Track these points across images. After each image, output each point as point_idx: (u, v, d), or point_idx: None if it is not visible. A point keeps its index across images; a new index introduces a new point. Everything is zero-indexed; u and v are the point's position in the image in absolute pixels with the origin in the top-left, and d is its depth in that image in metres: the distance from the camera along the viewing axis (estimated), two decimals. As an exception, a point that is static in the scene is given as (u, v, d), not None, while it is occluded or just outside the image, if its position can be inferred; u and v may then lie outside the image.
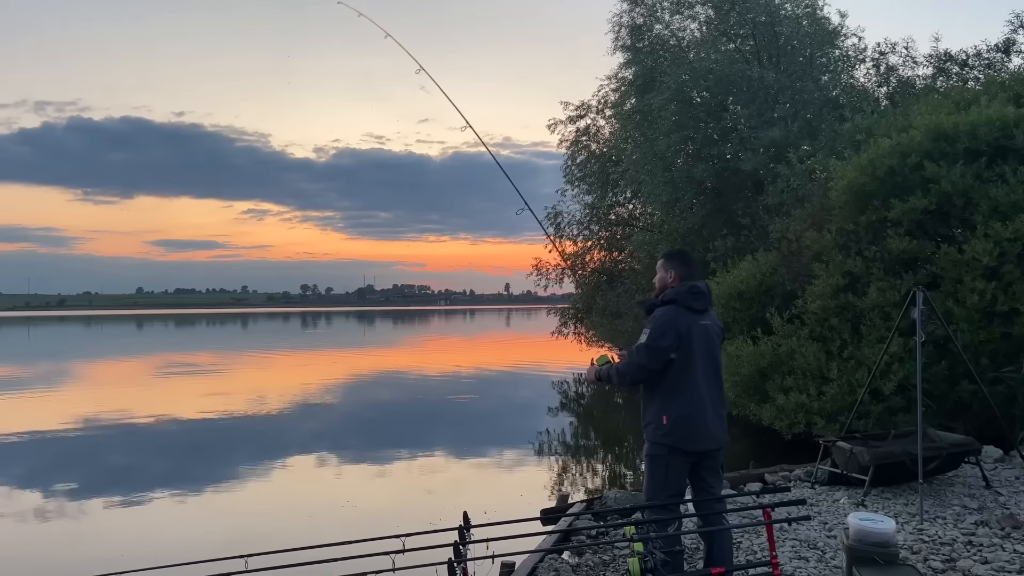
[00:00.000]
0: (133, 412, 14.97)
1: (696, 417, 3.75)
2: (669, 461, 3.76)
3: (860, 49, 16.36)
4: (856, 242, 9.16)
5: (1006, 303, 7.80)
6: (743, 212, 13.93)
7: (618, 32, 17.56)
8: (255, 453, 10.96)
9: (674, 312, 3.80)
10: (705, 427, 3.77)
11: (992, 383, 7.50)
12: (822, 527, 5.36)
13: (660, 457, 3.78)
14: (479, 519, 3.47)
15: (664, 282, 4.00)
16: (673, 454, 3.76)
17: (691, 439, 3.75)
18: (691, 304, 3.83)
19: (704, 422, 3.77)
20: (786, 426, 8.68)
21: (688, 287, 3.87)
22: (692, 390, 3.75)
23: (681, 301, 3.82)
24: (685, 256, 4.11)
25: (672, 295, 3.87)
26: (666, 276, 4.00)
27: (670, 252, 4.17)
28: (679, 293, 3.85)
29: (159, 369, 25.73)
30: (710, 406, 3.80)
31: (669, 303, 3.85)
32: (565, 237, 21.27)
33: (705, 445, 3.79)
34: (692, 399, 3.75)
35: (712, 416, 3.80)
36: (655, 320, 3.81)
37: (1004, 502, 5.76)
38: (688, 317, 3.79)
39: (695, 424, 3.75)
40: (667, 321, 3.76)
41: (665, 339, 3.72)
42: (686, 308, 3.81)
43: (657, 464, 3.79)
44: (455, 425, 13.71)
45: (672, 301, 3.84)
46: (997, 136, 8.61)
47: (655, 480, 3.81)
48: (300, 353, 33.84)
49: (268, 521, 7.67)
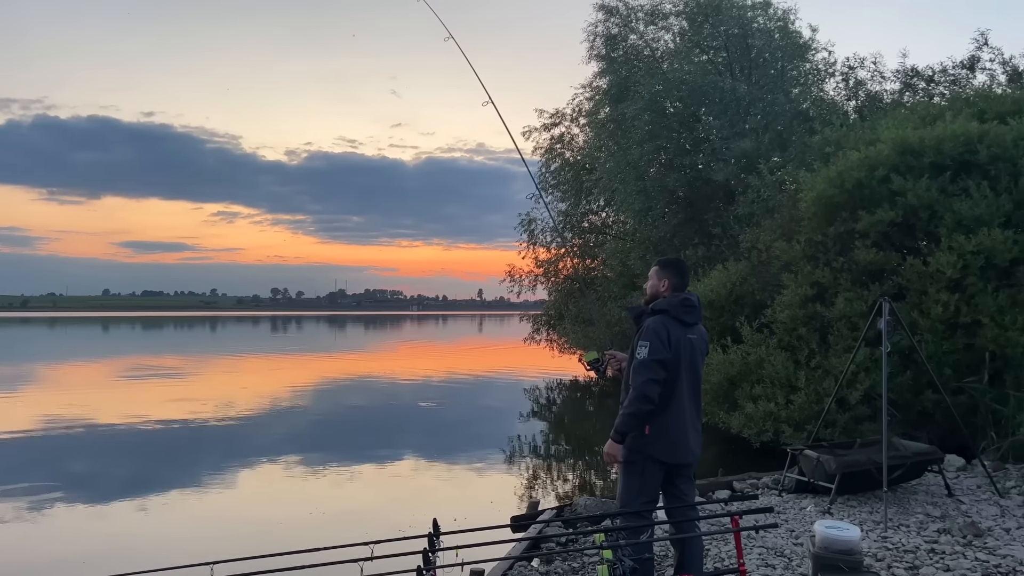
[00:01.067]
0: (96, 416, 14.69)
1: (677, 430, 3.77)
2: (645, 468, 3.77)
3: (830, 63, 16.66)
4: (824, 253, 9.29)
5: (969, 315, 7.95)
6: (714, 222, 14.06)
7: (593, 41, 17.68)
8: (221, 458, 10.80)
9: (666, 323, 3.78)
10: (684, 441, 3.79)
11: (955, 393, 7.65)
12: (789, 535, 5.41)
13: (636, 464, 3.78)
14: (449, 526, 3.45)
15: (656, 290, 3.96)
16: (649, 462, 3.77)
17: (670, 451, 3.77)
18: (682, 317, 3.81)
19: (684, 436, 3.79)
20: (754, 434, 8.76)
21: (681, 299, 3.85)
22: (676, 403, 3.76)
23: (672, 312, 3.81)
24: (680, 266, 4.05)
25: (664, 305, 3.84)
26: (659, 284, 3.96)
27: (666, 261, 4.11)
28: (671, 304, 3.83)
29: (124, 372, 25.29)
30: (690, 420, 3.82)
31: (660, 313, 3.83)
32: (539, 244, 21.34)
33: (683, 458, 3.82)
34: (675, 412, 3.76)
35: (691, 430, 3.83)
36: (649, 331, 3.76)
37: (966, 510, 5.86)
38: (678, 329, 3.78)
39: (676, 437, 3.77)
40: (661, 331, 3.74)
41: (664, 349, 3.70)
42: (676, 320, 3.81)
43: (633, 471, 3.80)
44: (425, 431, 13.64)
45: (664, 311, 3.83)
46: (961, 151, 8.79)
47: (630, 487, 3.82)
48: (269, 357, 33.48)
49: (234, 528, 7.57)
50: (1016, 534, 5.24)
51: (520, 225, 21.54)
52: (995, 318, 7.81)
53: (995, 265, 8.05)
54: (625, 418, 3.71)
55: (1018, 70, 14.04)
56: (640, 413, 3.68)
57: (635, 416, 3.69)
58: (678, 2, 16.92)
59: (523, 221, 21.47)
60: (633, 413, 3.69)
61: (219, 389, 19.98)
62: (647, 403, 3.66)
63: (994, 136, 8.72)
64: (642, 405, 3.67)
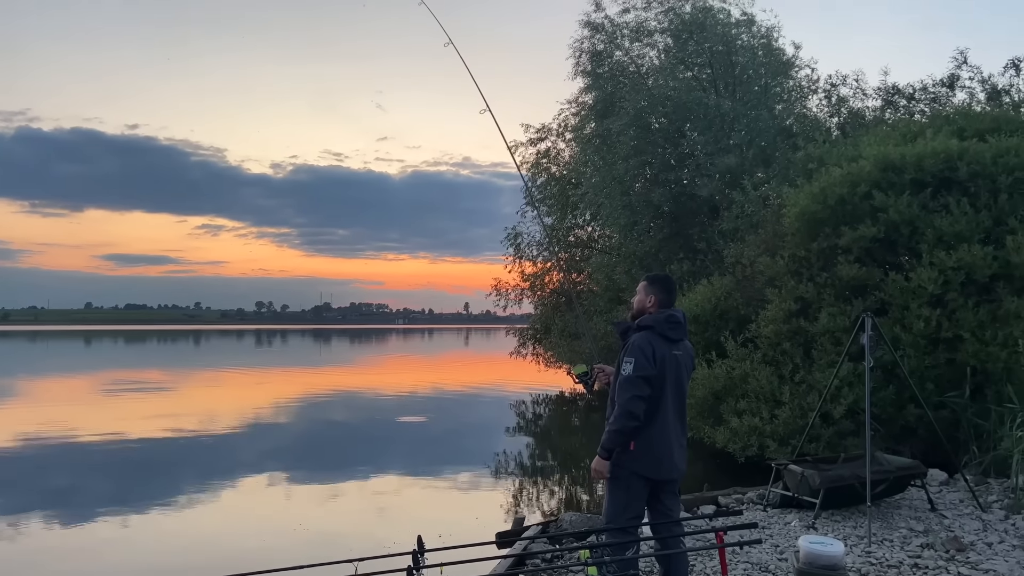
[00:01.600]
0: (74, 431, 14.51)
1: (663, 446, 3.78)
2: (630, 484, 3.78)
3: (813, 80, 16.86)
4: (808, 268, 9.36)
5: (950, 330, 8.03)
6: (699, 237, 14.14)
7: (579, 58, 17.80)
8: (203, 474, 10.70)
9: (651, 339, 3.79)
10: (669, 457, 3.81)
11: (937, 408, 7.71)
12: (774, 550, 5.42)
13: (621, 479, 3.79)
14: (434, 543, 3.44)
15: (643, 305, 3.97)
16: (634, 478, 3.77)
17: (655, 467, 3.78)
18: (667, 333, 3.83)
19: (669, 452, 3.80)
20: (739, 449, 8.78)
21: (666, 316, 3.87)
22: (660, 419, 3.77)
23: (658, 329, 3.83)
24: (667, 283, 4.07)
25: (650, 322, 3.85)
26: (645, 300, 3.97)
27: (654, 277, 4.12)
28: (657, 321, 3.85)
29: (105, 386, 25.03)
30: (675, 436, 3.84)
31: (646, 329, 3.85)
32: (525, 258, 21.39)
33: (667, 475, 3.83)
34: (659, 428, 3.77)
35: (676, 446, 3.84)
36: (634, 348, 3.78)
37: (949, 525, 5.89)
38: (663, 346, 3.80)
39: (660, 453, 3.78)
40: (646, 347, 3.75)
41: (649, 366, 3.71)
42: (662, 336, 3.82)
43: (618, 486, 3.80)
44: (410, 446, 13.58)
45: (649, 327, 3.84)
46: (942, 168, 8.90)
47: (615, 502, 3.82)
48: (253, 371, 33.26)
49: (217, 545, 7.48)
50: (998, 548, 5.27)
51: (506, 239, 21.61)
52: (976, 333, 7.89)
53: (975, 281, 8.14)
54: (611, 434, 3.73)
55: (996, 88, 14.27)
56: (625, 429, 3.70)
57: (620, 432, 3.71)
58: (663, 19, 17.09)
59: (509, 235, 21.54)
60: (618, 430, 3.70)
61: (201, 404, 19.81)
62: (632, 419, 3.68)
63: (974, 153, 8.84)
64: (627, 421, 3.68)
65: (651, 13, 17.23)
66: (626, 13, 17.40)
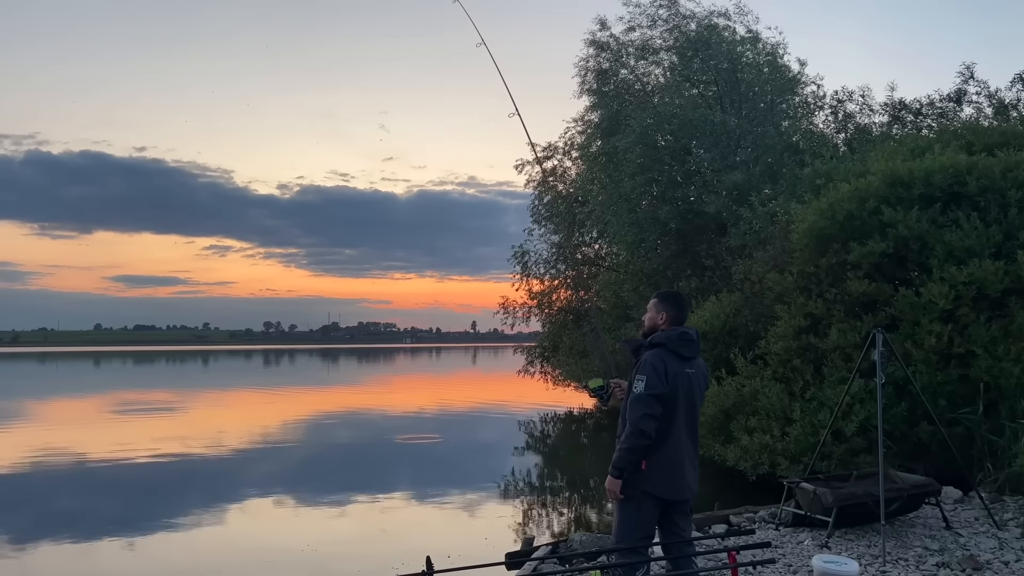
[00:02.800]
0: (84, 452, 14.53)
1: (675, 466, 3.75)
2: (641, 504, 3.74)
3: (819, 96, 16.86)
4: (817, 284, 9.32)
5: (962, 345, 7.97)
6: (707, 253, 14.11)
7: (584, 76, 17.87)
8: (211, 495, 10.66)
9: (663, 357, 3.77)
10: (682, 477, 3.78)
11: (950, 424, 7.63)
12: (787, 569, 5.35)
13: (632, 499, 3.75)
14: (443, 564, 3.40)
15: (654, 323, 3.95)
16: (645, 497, 3.74)
17: (667, 487, 3.75)
18: (680, 350, 3.81)
19: (681, 472, 3.77)
20: (750, 467, 8.71)
21: (679, 333, 3.85)
22: (673, 438, 3.75)
23: (670, 346, 3.81)
24: (679, 299, 4.07)
25: (662, 339, 3.83)
26: (656, 317, 3.95)
27: (665, 294, 4.12)
28: (669, 338, 3.83)
29: (114, 407, 25.07)
30: (687, 456, 3.81)
31: (658, 346, 3.82)
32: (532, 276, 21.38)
33: (679, 494, 3.80)
34: (672, 447, 3.74)
35: (688, 465, 3.81)
36: (646, 366, 3.75)
37: (964, 543, 5.81)
38: (676, 364, 3.78)
39: (672, 472, 3.75)
40: (658, 365, 3.73)
41: (661, 385, 3.68)
42: (674, 354, 3.80)
43: (629, 506, 3.77)
44: (418, 466, 13.52)
45: (661, 345, 3.82)
46: (950, 183, 8.88)
47: (626, 522, 3.78)
48: (261, 391, 33.27)
49: (225, 566, 7.44)
50: (1015, 567, 5.19)
51: (513, 257, 21.60)
52: (988, 348, 7.83)
53: (987, 296, 8.09)
54: (622, 453, 3.70)
55: (1004, 103, 14.24)
56: (636, 448, 3.67)
57: (632, 451, 3.68)
58: (668, 37, 17.18)
59: (516, 253, 21.52)
60: (630, 448, 3.67)
61: (210, 424, 19.80)
62: (643, 438, 3.65)
63: (983, 168, 8.82)
64: (638, 440, 3.65)
65: (656, 31, 17.34)
66: (631, 31, 17.51)
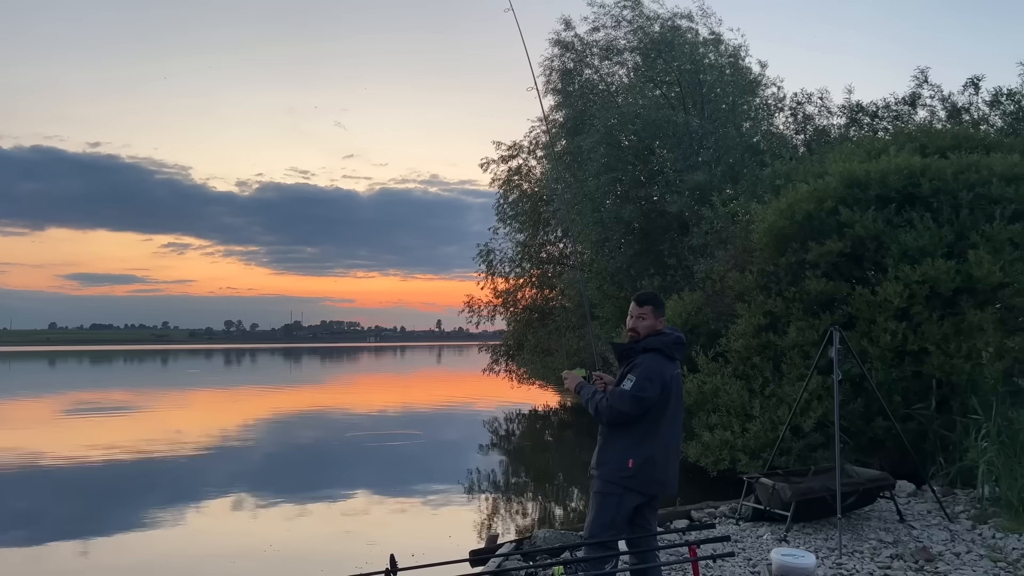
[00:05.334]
0: (36, 453, 14.19)
1: (660, 462, 3.82)
2: (622, 501, 3.79)
3: (779, 98, 17.15)
4: (776, 283, 9.47)
5: (916, 343, 8.15)
6: (669, 252, 14.25)
7: (549, 76, 17.94)
8: (170, 496, 10.49)
9: (660, 362, 3.82)
10: (665, 473, 3.85)
11: (904, 420, 7.82)
12: (746, 563, 5.43)
13: (614, 496, 3.79)
14: (406, 562, 3.39)
15: (654, 328, 3.95)
16: (628, 494, 3.78)
17: (651, 483, 3.82)
18: (673, 354, 3.90)
19: (665, 468, 3.85)
20: (711, 463, 8.82)
21: (675, 338, 3.93)
22: (662, 437, 3.83)
23: (665, 351, 3.87)
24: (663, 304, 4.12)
25: (658, 344, 3.87)
26: (656, 323, 3.97)
27: (659, 300, 4.08)
28: (665, 344, 3.88)
29: (69, 407, 24.50)
30: (673, 453, 3.91)
31: (653, 351, 3.86)
32: (497, 274, 21.40)
33: (661, 490, 3.89)
34: (660, 445, 3.82)
35: (672, 462, 3.90)
36: (644, 368, 3.78)
37: (917, 535, 5.96)
38: (669, 367, 3.86)
39: (659, 469, 3.81)
40: (655, 371, 3.77)
41: (651, 390, 3.73)
42: (668, 358, 3.87)
43: (609, 503, 3.80)
44: (382, 465, 13.45)
45: (657, 350, 3.86)
46: (905, 184, 9.07)
47: (602, 517, 3.81)
48: (222, 391, 32.78)
49: (186, 568, 7.33)
50: (966, 558, 5.34)
51: (479, 256, 21.62)
52: (941, 346, 8.02)
53: (939, 294, 8.29)
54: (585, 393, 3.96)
55: (956, 106, 14.62)
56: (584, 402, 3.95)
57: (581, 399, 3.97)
58: (632, 38, 17.31)
59: (481, 252, 21.54)
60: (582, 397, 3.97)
61: (169, 425, 19.44)
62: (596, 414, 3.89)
63: (935, 170, 9.03)
64: (590, 407, 3.91)
65: (620, 32, 17.46)
66: (596, 32, 17.63)
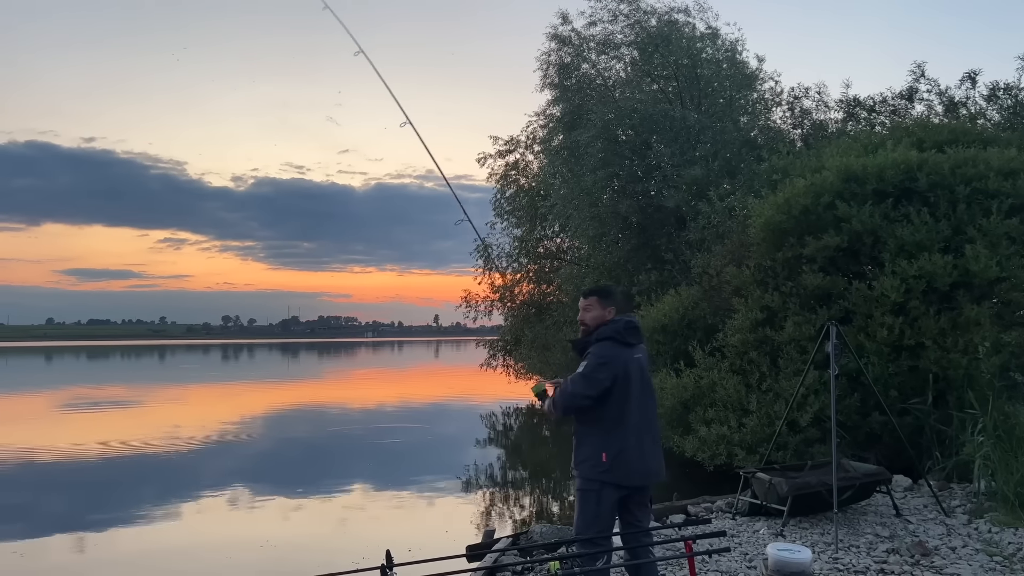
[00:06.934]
0: (32, 448, 14.16)
1: (634, 452, 3.79)
2: (601, 496, 3.77)
3: (776, 93, 17.08)
4: (773, 278, 9.46)
5: (913, 337, 8.15)
6: (666, 247, 14.24)
7: (546, 70, 17.88)
8: (167, 491, 10.48)
9: (613, 348, 3.83)
10: (643, 462, 3.81)
11: (901, 414, 7.81)
12: (742, 558, 5.44)
13: (592, 492, 3.78)
14: (402, 557, 3.38)
15: (602, 319, 3.98)
16: (606, 488, 3.77)
17: (629, 475, 3.78)
18: (628, 339, 3.87)
19: (642, 457, 3.81)
20: (708, 458, 8.82)
21: (625, 322, 3.91)
22: (631, 426, 3.78)
23: (619, 338, 3.86)
24: (620, 292, 4.15)
25: (610, 332, 3.88)
26: (604, 313, 3.99)
27: (606, 290, 4.14)
28: (616, 330, 3.88)
29: (65, 403, 24.47)
30: (649, 440, 3.85)
31: (607, 339, 3.87)
32: (494, 270, 21.35)
33: (642, 480, 3.84)
34: (631, 435, 3.78)
35: (650, 451, 3.85)
36: (595, 353, 3.82)
37: (913, 530, 5.97)
38: (625, 352, 3.84)
39: (633, 459, 3.78)
40: (605, 355, 3.80)
41: (603, 370, 3.75)
42: (623, 343, 3.85)
43: (589, 499, 3.80)
44: (378, 460, 13.45)
45: (610, 338, 3.86)
46: (902, 178, 9.07)
47: (585, 515, 3.81)
48: (219, 386, 32.76)
49: (182, 562, 7.33)
50: (962, 552, 5.34)
51: (476, 251, 21.56)
52: (937, 340, 8.02)
53: (936, 289, 8.29)
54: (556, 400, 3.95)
55: (953, 100, 14.58)
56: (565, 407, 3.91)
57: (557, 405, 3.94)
58: (629, 33, 17.25)
59: (479, 247, 21.47)
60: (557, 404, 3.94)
61: (166, 420, 19.44)
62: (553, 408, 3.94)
63: (932, 164, 9.02)
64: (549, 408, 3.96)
65: (617, 26, 17.39)
66: (593, 26, 17.55)
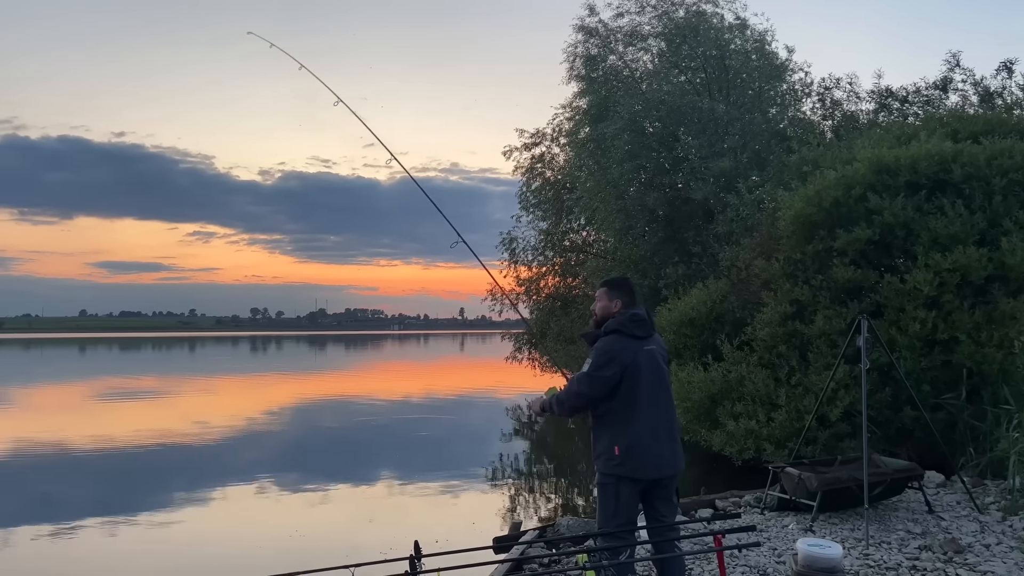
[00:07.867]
0: (68, 438, 14.45)
1: (648, 444, 3.75)
2: (618, 490, 3.75)
3: (806, 84, 16.86)
4: (803, 271, 9.36)
5: (946, 331, 8.03)
6: (694, 240, 14.14)
7: (573, 62, 17.82)
8: (198, 481, 10.65)
9: (618, 341, 3.80)
10: (658, 454, 3.77)
11: (934, 410, 7.71)
12: (772, 553, 5.40)
13: (609, 486, 3.78)
14: (430, 548, 3.41)
15: (608, 311, 3.97)
16: (622, 482, 3.75)
17: (643, 467, 3.75)
18: (634, 332, 3.83)
19: (657, 449, 3.77)
20: (736, 452, 8.77)
21: (630, 315, 3.88)
22: (643, 418, 3.75)
23: (624, 330, 3.83)
24: (629, 284, 4.10)
25: (615, 325, 3.86)
26: (610, 305, 3.97)
27: (614, 281, 4.14)
28: (622, 323, 3.85)
29: (99, 393, 24.93)
30: (663, 432, 3.81)
31: (613, 332, 3.85)
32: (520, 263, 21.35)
33: (659, 472, 3.79)
34: (644, 427, 3.75)
35: (665, 442, 3.81)
36: (597, 350, 3.81)
37: (946, 527, 5.89)
38: (633, 345, 3.80)
39: (647, 452, 3.75)
40: (609, 350, 3.76)
41: (608, 368, 3.72)
42: (630, 336, 3.82)
43: (607, 493, 3.79)
44: (406, 452, 13.54)
45: (616, 331, 3.84)
46: (936, 170, 8.91)
47: (606, 508, 3.81)
48: (248, 378, 33.16)
49: (212, 552, 7.44)
50: (996, 550, 5.26)
51: (502, 244, 21.57)
52: (972, 335, 7.90)
53: (970, 282, 8.15)
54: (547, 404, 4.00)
55: (989, 91, 14.30)
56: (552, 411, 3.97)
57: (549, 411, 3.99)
58: (656, 24, 17.12)
59: (504, 240, 21.48)
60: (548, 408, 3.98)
61: (196, 411, 19.73)
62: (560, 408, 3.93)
63: (968, 156, 8.86)
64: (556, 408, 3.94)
65: (645, 17, 17.28)
66: (620, 17, 17.45)
